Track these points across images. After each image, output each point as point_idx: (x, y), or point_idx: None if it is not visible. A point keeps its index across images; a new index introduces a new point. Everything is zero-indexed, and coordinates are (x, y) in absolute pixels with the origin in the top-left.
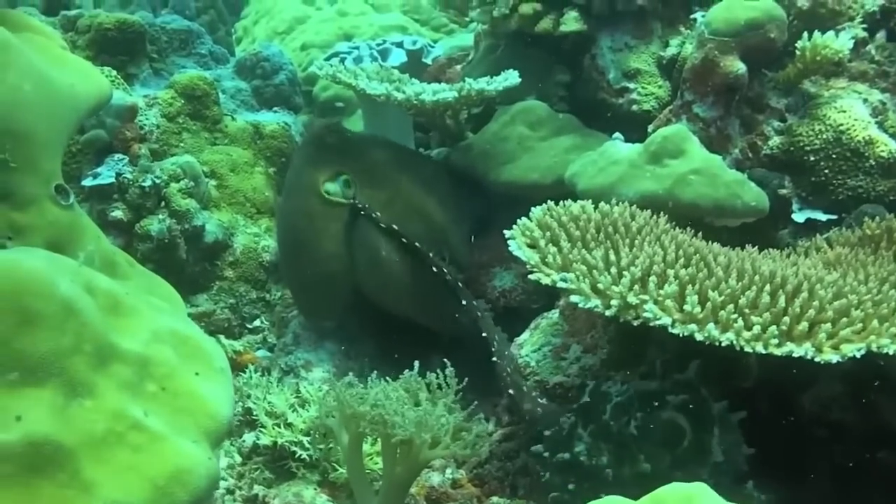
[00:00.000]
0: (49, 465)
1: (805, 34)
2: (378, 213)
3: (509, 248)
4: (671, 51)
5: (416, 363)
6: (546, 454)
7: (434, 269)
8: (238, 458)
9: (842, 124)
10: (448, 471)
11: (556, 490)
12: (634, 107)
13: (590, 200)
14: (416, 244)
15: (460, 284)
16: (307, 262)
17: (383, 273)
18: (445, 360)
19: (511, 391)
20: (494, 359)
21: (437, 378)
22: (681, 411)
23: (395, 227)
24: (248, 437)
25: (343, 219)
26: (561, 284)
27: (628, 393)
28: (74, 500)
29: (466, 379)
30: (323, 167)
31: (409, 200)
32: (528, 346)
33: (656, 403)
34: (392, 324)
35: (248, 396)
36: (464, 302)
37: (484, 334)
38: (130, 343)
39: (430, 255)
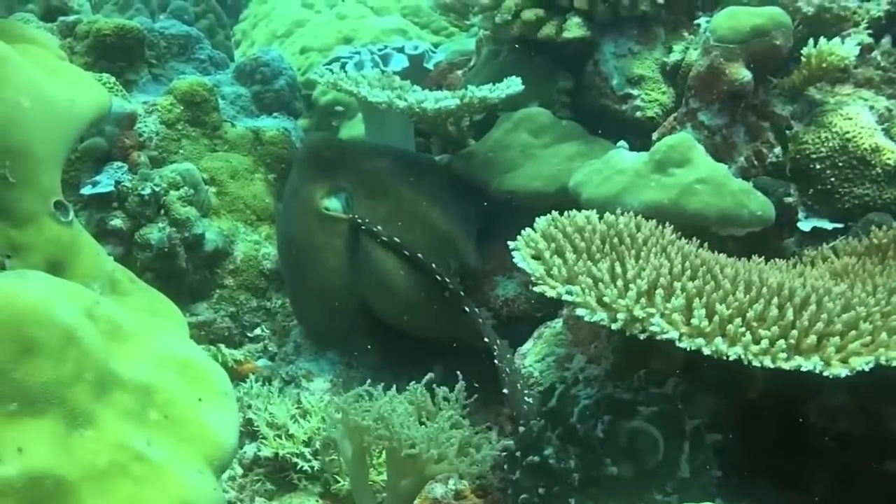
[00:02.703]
0: (50, 499)
1: (811, 40)
2: (378, 227)
3: (512, 258)
4: (675, 57)
5: (430, 375)
6: (518, 454)
7: (437, 278)
8: (239, 470)
9: (848, 132)
10: (451, 482)
11: (525, 492)
12: (638, 113)
13: (594, 210)
14: (419, 255)
15: (462, 293)
16: (309, 281)
17: (387, 286)
18: (448, 370)
19: (506, 390)
20: (496, 361)
21: (445, 391)
22: (651, 422)
23: (396, 239)
24: (249, 449)
25: (343, 234)
26: (566, 297)
27: (596, 397)
28: None
29: (476, 395)
30: (320, 182)
31: (411, 210)
32: (532, 357)
33: (627, 411)
34: (395, 334)
35: (249, 407)
36: (466, 310)
37: (485, 339)
38: (132, 370)
39: (433, 265)
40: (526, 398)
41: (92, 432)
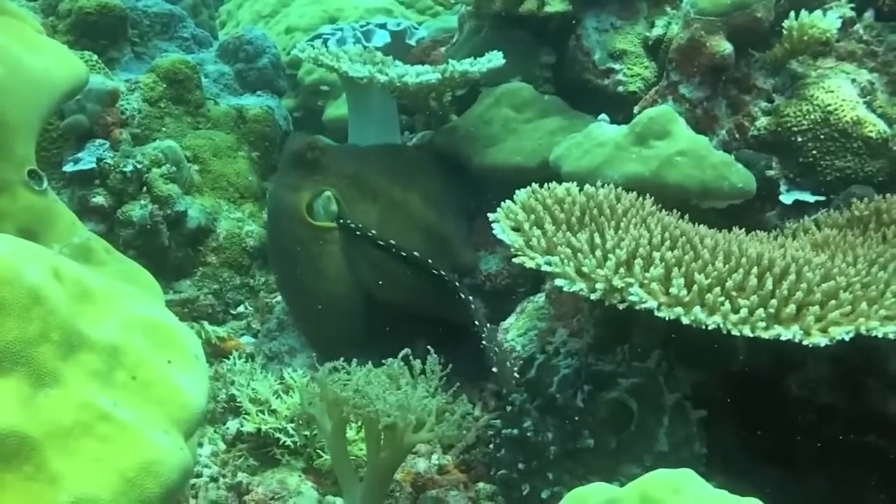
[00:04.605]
0: (14, 457)
1: (792, 13)
2: (373, 232)
3: (494, 232)
4: (657, 31)
5: (406, 350)
6: (502, 430)
7: (434, 272)
8: (222, 446)
9: (829, 105)
10: (434, 457)
11: (505, 468)
12: (620, 88)
13: (575, 183)
14: (416, 253)
15: (457, 283)
16: (314, 291)
17: (393, 282)
18: (431, 347)
19: (495, 369)
20: (483, 343)
21: (421, 365)
22: (630, 394)
23: (391, 241)
24: (232, 424)
25: (336, 239)
26: (545, 268)
27: (576, 367)
28: (40, 493)
29: (451, 365)
30: (304, 190)
31: (404, 212)
32: (514, 331)
33: (607, 383)
34: (380, 313)
35: (232, 383)
36: (460, 296)
37: (476, 322)
38: (100, 331)
39: (429, 260)
40: (516, 375)
41: (58, 391)
